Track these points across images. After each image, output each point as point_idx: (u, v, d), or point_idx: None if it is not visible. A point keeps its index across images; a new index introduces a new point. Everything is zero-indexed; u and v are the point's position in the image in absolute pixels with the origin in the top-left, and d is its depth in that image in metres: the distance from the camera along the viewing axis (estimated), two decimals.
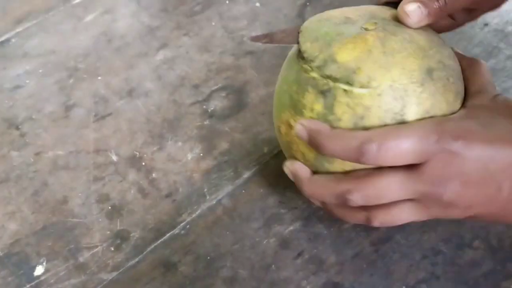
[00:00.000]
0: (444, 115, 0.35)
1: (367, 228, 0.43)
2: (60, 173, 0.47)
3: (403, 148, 0.33)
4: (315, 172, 0.38)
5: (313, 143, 0.36)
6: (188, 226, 0.44)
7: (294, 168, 0.39)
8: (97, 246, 0.43)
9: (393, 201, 0.36)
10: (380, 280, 0.40)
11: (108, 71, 0.54)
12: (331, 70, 0.35)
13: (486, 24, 0.57)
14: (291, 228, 0.43)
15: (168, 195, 0.45)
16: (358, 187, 0.35)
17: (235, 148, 0.48)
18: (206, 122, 0.50)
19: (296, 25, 0.40)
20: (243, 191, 0.45)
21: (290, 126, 0.38)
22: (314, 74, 0.36)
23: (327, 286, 0.40)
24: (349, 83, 0.35)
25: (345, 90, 0.35)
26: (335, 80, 0.35)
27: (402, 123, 0.34)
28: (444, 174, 0.34)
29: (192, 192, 0.46)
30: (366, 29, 0.37)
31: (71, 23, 0.58)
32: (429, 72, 0.35)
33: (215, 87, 0.52)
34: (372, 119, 0.34)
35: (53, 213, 0.45)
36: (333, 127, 0.35)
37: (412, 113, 0.35)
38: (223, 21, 0.58)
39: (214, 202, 0.45)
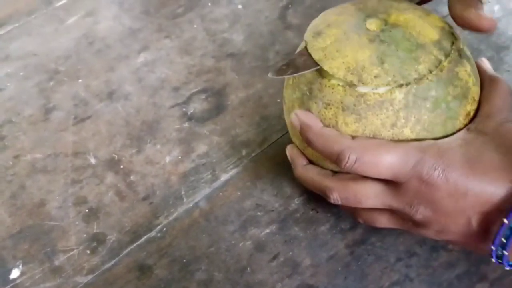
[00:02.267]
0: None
1: (342, 231, 0.43)
2: (38, 176, 0.47)
3: (380, 166, 0.34)
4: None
5: (303, 135, 0.38)
6: (164, 229, 0.44)
7: (294, 153, 0.41)
8: (73, 249, 0.43)
9: (371, 207, 0.37)
10: (354, 282, 0.40)
11: (88, 73, 0.54)
12: (446, 48, 0.37)
13: None
14: (267, 231, 0.43)
15: (145, 198, 0.45)
16: (339, 188, 0.37)
17: (213, 150, 0.48)
18: (185, 125, 0.50)
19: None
20: (220, 193, 0.45)
21: None
22: (435, 75, 0.36)
23: None
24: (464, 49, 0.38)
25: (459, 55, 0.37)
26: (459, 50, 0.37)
27: None
28: (417, 198, 0.34)
29: (169, 195, 0.46)
30: (386, 22, 0.38)
31: (53, 25, 0.58)
32: None
33: (195, 89, 0.52)
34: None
35: (30, 216, 0.45)
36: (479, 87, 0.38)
37: None
38: (204, 23, 0.58)
39: (191, 205, 0.45)
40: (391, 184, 0.35)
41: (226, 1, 0.59)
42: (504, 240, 0.33)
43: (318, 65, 0.37)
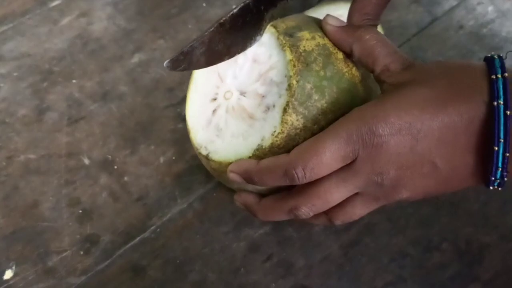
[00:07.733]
0: None
1: (336, 232, 0.43)
2: (31, 177, 0.47)
3: (326, 162, 0.33)
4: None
5: (248, 181, 0.35)
6: (158, 229, 0.44)
7: (243, 198, 0.39)
8: (66, 250, 0.43)
9: (341, 201, 0.35)
10: (348, 283, 0.40)
11: (82, 74, 0.54)
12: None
13: (461, 27, 0.57)
14: (261, 231, 0.43)
15: (139, 199, 0.45)
16: (303, 201, 0.35)
17: None
18: (179, 126, 0.50)
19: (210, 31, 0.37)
20: (214, 194, 0.45)
21: None
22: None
23: None
24: None
25: None
26: None
27: None
28: (375, 165, 0.33)
29: (163, 196, 0.45)
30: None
31: (47, 26, 0.58)
32: None
33: None
34: None
35: (23, 217, 0.44)
36: None
37: None
38: (199, 24, 0.58)
39: (185, 206, 0.45)
40: (345, 167, 0.34)
41: (221, 2, 0.59)
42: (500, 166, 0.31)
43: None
